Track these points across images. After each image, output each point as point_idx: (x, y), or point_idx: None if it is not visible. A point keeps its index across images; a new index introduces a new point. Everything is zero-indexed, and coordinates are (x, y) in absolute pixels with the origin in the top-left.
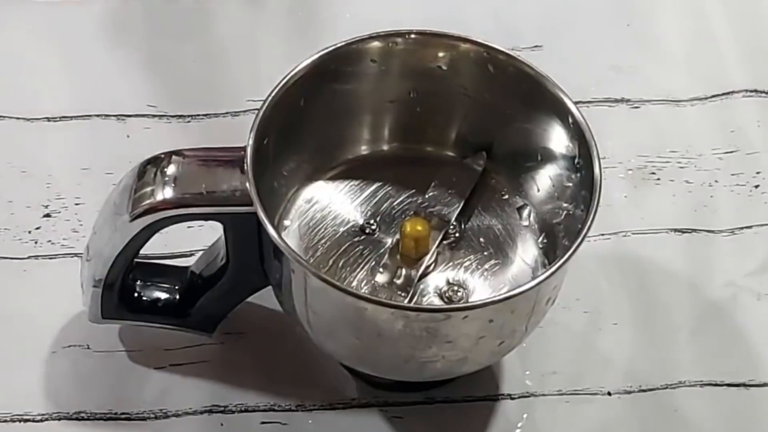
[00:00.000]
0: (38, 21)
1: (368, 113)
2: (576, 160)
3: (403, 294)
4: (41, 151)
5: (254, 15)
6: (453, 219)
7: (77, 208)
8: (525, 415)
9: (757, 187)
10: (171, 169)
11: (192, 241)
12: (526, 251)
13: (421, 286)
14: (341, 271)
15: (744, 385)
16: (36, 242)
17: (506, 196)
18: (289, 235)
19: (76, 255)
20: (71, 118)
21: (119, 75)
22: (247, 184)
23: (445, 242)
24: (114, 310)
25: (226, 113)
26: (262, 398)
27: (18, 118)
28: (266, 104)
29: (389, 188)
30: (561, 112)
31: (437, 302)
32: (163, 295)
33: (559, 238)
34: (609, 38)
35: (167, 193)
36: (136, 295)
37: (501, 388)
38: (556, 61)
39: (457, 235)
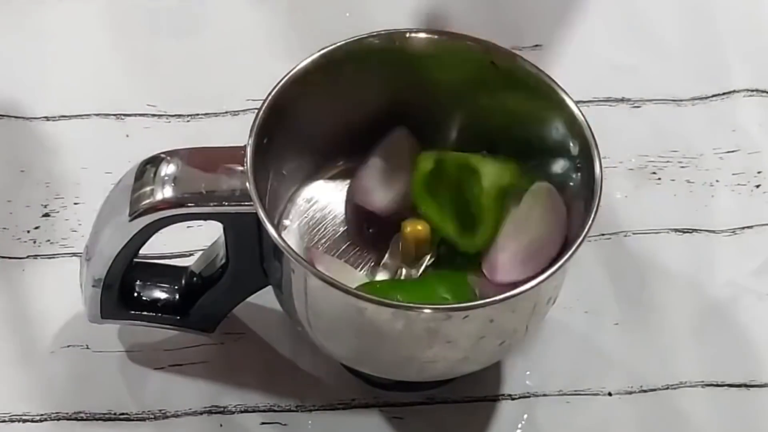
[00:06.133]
0: (37, 20)
1: (368, 113)
2: (576, 160)
3: None
4: (40, 150)
5: (254, 14)
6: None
7: (76, 207)
8: (525, 415)
9: (758, 186)
10: (170, 169)
11: (192, 241)
12: None
13: None
14: None
15: (745, 385)
16: (35, 242)
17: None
18: (289, 235)
19: (75, 255)
20: (70, 117)
21: (118, 74)
22: (247, 184)
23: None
24: (113, 310)
25: (226, 113)
26: (262, 398)
27: (17, 117)
28: (266, 104)
29: None
30: (561, 112)
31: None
32: (163, 295)
33: None
34: (609, 38)
35: (167, 192)
36: (135, 295)
37: (501, 388)
38: (556, 60)
39: None
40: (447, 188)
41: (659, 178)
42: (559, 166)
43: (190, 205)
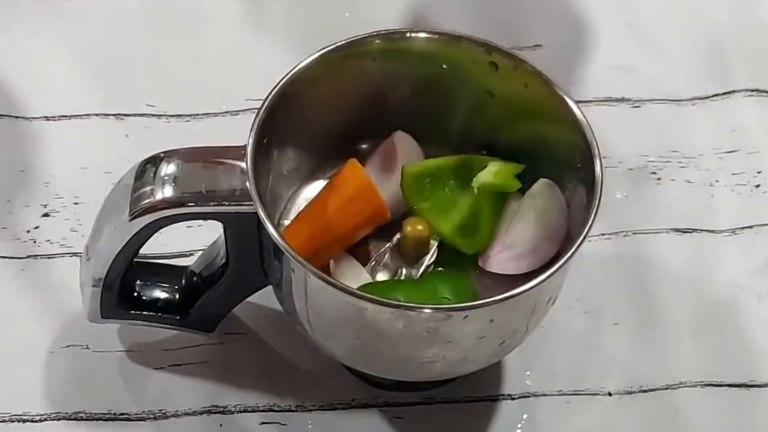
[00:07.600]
0: (37, 20)
1: (368, 112)
2: (576, 160)
3: None
4: (40, 150)
5: (254, 15)
6: None
7: (76, 207)
8: (525, 415)
9: (758, 186)
10: (170, 169)
11: (192, 241)
12: None
13: None
14: None
15: (745, 385)
16: (35, 242)
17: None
18: None
19: (75, 254)
20: (70, 117)
21: (118, 74)
22: (247, 184)
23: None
24: (113, 310)
25: (226, 113)
26: (262, 398)
27: (17, 117)
28: (266, 104)
29: None
30: (561, 112)
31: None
32: (163, 295)
33: None
34: (609, 38)
35: (167, 192)
36: (135, 294)
37: (501, 388)
38: (556, 60)
39: None
40: (443, 192)
41: (659, 178)
42: (559, 166)
43: (190, 204)
